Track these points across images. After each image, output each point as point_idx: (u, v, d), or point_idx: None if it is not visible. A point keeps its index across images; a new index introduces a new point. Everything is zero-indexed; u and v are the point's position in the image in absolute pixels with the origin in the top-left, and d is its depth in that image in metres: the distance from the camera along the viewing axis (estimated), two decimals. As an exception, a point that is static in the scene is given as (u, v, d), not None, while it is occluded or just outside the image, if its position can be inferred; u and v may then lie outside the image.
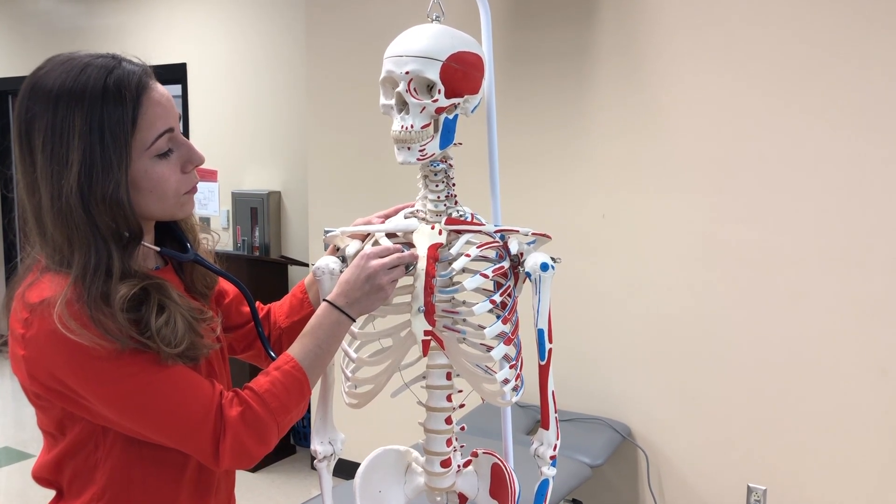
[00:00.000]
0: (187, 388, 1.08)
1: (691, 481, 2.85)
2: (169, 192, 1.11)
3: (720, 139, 2.67)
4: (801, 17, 2.51)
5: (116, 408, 1.05)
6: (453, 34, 1.26)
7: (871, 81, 2.43)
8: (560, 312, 1.48)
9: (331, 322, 1.20)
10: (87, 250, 1.03)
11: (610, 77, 2.85)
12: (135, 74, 1.06)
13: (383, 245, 1.27)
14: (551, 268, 1.28)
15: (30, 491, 3.68)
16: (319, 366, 1.20)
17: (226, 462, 1.09)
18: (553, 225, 2.76)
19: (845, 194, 2.50)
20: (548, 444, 1.33)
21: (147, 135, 1.06)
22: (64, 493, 1.15)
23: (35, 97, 1.04)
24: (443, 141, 1.27)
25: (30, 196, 1.06)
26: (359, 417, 1.60)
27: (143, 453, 1.11)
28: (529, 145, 3.03)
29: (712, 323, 2.75)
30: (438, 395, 1.34)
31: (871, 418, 2.52)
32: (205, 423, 1.07)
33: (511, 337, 1.28)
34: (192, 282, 1.23)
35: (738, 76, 2.62)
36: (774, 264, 2.62)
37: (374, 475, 1.40)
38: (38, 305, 1.01)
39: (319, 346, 1.19)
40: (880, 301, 2.48)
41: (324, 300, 1.24)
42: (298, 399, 1.16)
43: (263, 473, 3.87)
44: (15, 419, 4.73)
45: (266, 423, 1.11)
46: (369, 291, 1.21)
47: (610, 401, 2.97)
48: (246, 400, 1.11)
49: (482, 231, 1.31)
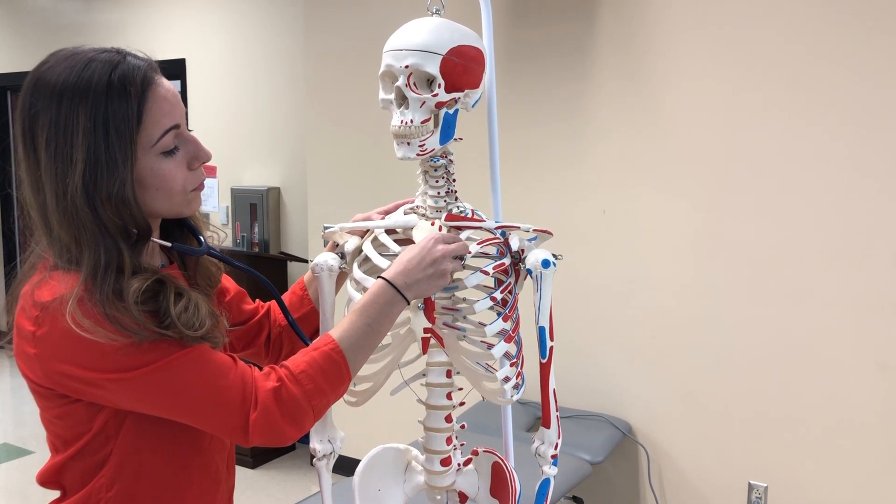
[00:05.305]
0: (214, 361, 1.06)
1: (692, 478, 2.84)
2: (176, 189, 1.09)
3: (721, 135, 2.66)
4: (801, 16, 2.50)
5: (141, 391, 1.02)
6: (453, 28, 1.24)
7: (871, 81, 2.42)
8: (560, 309, 1.47)
9: (385, 301, 1.16)
10: (95, 248, 1.01)
11: (611, 73, 2.84)
12: (140, 69, 1.04)
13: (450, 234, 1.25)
14: (553, 265, 1.27)
15: (29, 487, 3.68)
16: (367, 346, 1.16)
17: (255, 436, 1.06)
18: (554, 221, 2.76)
19: (845, 192, 2.49)
20: (549, 442, 1.32)
21: (153, 131, 1.04)
22: (69, 490, 1.13)
23: (38, 93, 1.02)
24: (443, 136, 1.26)
25: (34, 194, 1.04)
26: (358, 415, 1.59)
27: (153, 446, 1.10)
28: (530, 141, 3.02)
29: (713, 320, 2.74)
30: (438, 392, 1.33)
31: (872, 415, 2.52)
32: (235, 393, 1.05)
33: (512, 334, 1.27)
34: (196, 280, 1.21)
35: (739, 72, 2.61)
36: (775, 261, 2.61)
37: (373, 473, 1.39)
38: (50, 304, 1.00)
39: (369, 324, 1.15)
40: (880, 298, 2.47)
41: (379, 277, 1.19)
42: (335, 382, 1.12)
43: (263, 470, 3.87)
44: (14, 416, 4.73)
45: (300, 403, 1.08)
46: (432, 275, 1.18)
47: (610, 398, 2.96)
48: (282, 377, 1.09)
49: (483, 227, 1.30)
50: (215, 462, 1.20)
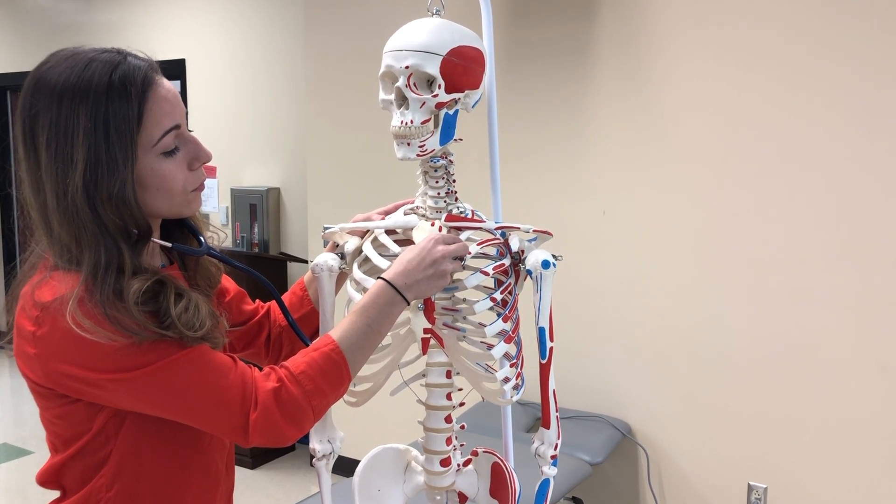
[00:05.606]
0: (214, 362, 1.06)
1: (692, 479, 2.84)
2: (176, 189, 1.09)
3: (721, 135, 2.66)
4: (801, 16, 2.50)
5: (141, 391, 1.02)
6: (453, 28, 1.24)
7: (871, 80, 2.42)
8: (560, 309, 1.47)
9: (385, 301, 1.16)
10: (95, 248, 1.01)
11: (611, 73, 2.84)
12: (140, 70, 1.04)
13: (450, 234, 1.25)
14: (553, 265, 1.27)
15: (29, 488, 3.68)
16: (367, 346, 1.16)
17: (255, 436, 1.07)
18: (553, 222, 2.75)
19: (845, 192, 2.49)
20: (549, 443, 1.32)
21: (153, 132, 1.04)
22: (69, 490, 1.13)
23: (39, 93, 1.02)
24: (443, 137, 1.26)
25: (35, 194, 1.04)
26: (358, 416, 1.59)
27: (153, 446, 1.10)
28: (530, 142, 3.02)
29: (712, 320, 2.74)
30: (438, 393, 1.33)
31: (871, 415, 2.51)
32: (235, 394, 1.05)
33: (512, 335, 1.27)
34: (196, 280, 1.21)
35: (739, 72, 2.61)
36: (774, 262, 2.61)
37: (372, 474, 1.38)
38: (50, 304, 1.00)
39: (369, 325, 1.15)
40: (880, 297, 2.47)
41: (379, 278, 1.19)
42: (335, 383, 1.12)
43: (262, 470, 3.86)
44: (14, 416, 4.73)
45: (300, 404, 1.08)
46: (431, 276, 1.18)
47: (610, 398, 2.96)
48: (282, 377, 1.09)
49: (483, 228, 1.30)
50: (215, 462, 1.20)
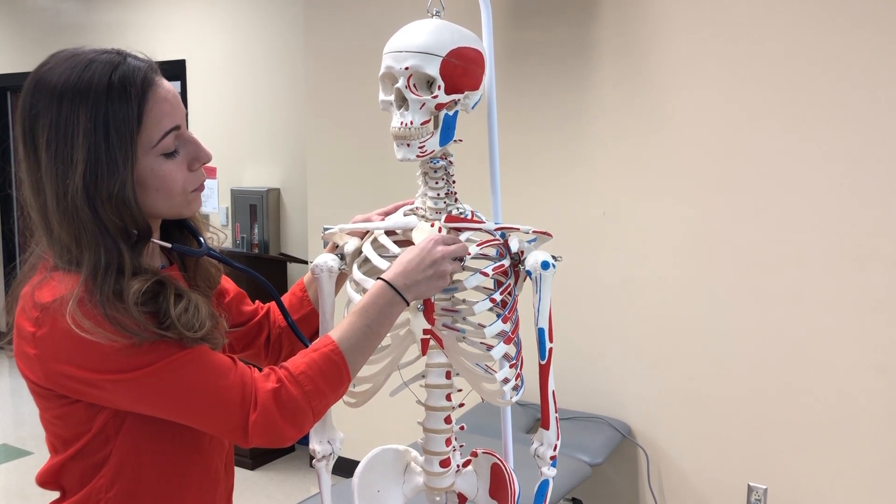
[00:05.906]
0: (214, 362, 1.06)
1: (691, 480, 2.84)
2: (176, 190, 1.09)
3: (721, 137, 2.66)
4: (801, 18, 2.50)
5: (140, 392, 1.03)
6: (453, 29, 1.24)
7: (872, 82, 2.42)
8: (559, 310, 1.47)
9: (385, 302, 1.17)
10: (95, 249, 1.01)
11: (611, 75, 2.84)
12: (140, 71, 1.05)
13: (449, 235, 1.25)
14: (552, 266, 1.27)
15: (28, 488, 3.68)
16: (367, 347, 1.16)
17: (255, 437, 1.07)
18: (553, 223, 2.75)
19: (845, 194, 2.49)
20: (548, 444, 1.32)
21: (153, 132, 1.05)
22: (69, 490, 1.13)
23: (39, 94, 1.02)
24: (443, 138, 1.26)
25: (35, 195, 1.04)
26: (358, 416, 1.59)
27: (153, 446, 1.10)
28: (530, 143, 3.02)
29: (712, 321, 2.74)
30: (437, 394, 1.33)
31: (871, 416, 2.51)
32: (234, 394, 1.05)
33: (511, 336, 1.27)
34: (196, 281, 1.21)
35: (739, 75, 2.61)
36: (774, 263, 2.61)
37: (372, 474, 1.38)
38: (50, 304, 1.00)
39: (369, 325, 1.15)
40: (880, 299, 2.47)
41: (379, 278, 1.19)
42: (335, 384, 1.12)
43: (262, 471, 3.86)
44: (14, 416, 4.73)
45: (300, 404, 1.08)
46: (431, 277, 1.19)
47: (610, 399, 2.96)
48: (281, 378, 1.09)
49: (482, 229, 1.30)
50: (214, 463, 1.20)
